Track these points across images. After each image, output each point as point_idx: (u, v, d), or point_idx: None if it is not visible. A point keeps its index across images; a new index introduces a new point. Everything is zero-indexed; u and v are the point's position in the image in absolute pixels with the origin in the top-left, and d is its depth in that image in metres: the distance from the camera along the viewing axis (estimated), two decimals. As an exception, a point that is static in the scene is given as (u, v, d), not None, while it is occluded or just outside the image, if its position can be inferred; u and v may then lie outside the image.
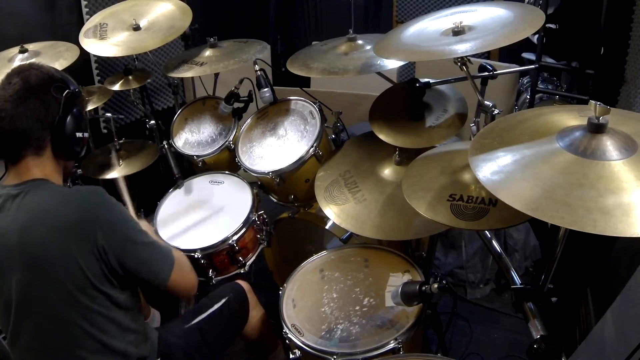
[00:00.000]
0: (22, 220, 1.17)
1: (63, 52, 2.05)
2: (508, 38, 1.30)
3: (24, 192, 1.19)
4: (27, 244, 1.15)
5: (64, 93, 1.24)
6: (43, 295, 1.17)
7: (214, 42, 2.21)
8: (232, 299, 1.65)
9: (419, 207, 1.27)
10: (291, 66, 1.91)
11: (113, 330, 1.25)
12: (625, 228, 0.81)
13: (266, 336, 1.80)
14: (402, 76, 3.54)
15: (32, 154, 1.22)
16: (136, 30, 2.13)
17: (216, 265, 1.87)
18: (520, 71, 2.85)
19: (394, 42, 1.58)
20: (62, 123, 1.24)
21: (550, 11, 2.29)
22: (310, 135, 1.90)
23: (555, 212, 0.86)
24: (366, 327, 1.42)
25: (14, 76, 1.21)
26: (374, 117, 1.73)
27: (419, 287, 1.30)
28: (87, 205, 1.19)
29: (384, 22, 3.71)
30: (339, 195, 1.67)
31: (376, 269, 1.61)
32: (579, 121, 1.04)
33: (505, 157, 1.02)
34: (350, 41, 1.95)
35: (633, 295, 1.36)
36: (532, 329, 1.21)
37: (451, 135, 1.58)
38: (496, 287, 2.42)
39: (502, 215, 1.20)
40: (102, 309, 1.21)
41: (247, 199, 1.95)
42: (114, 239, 1.19)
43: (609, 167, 0.92)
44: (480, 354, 2.06)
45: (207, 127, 2.21)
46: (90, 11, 2.50)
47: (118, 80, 2.31)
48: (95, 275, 1.18)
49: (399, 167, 1.67)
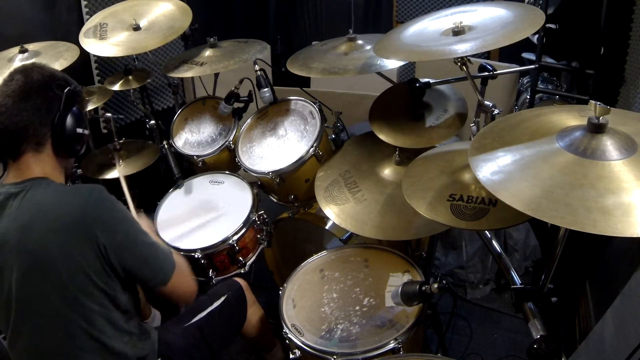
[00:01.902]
0: (22, 218, 1.17)
1: (63, 52, 2.05)
2: (508, 38, 1.30)
3: (25, 191, 1.19)
4: (27, 243, 1.15)
5: (65, 90, 1.25)
6: (43, 294, 1.17)
7: (214, 42, 2.21)
8: (231, 297, 1.66)
9: (419, 207, 1.27)
10: (291, 66, 1.90)
11: (111, 331, 1.25)
12: (625, 228, 0.81)
13: (264, 334, 1.81)
14: (402, 76, 3.54)
15: (32, 150, 1.22)
16: (136, 30, 2.13)
17: (216, 265, 1.87)
18: (520, 71, 2.85)
19: (394, 42, 1.58)
20: (62, 120, 1.24)
21: (550, 11, 2.28)
22: (310, 135, 1.90)
23: (555, 212, 0.86)
24: (366, 327, 1.42)
25: (16, 74, 1.23)
26: (374, 117, 1.73)
27: (419, 287, 1.30)
28: (88, 203, 1.19)
29: (384, 22, 3.72)
30: (339, 195, 1.67)
31: (376, 269, 1.61)
32: (579, 121, 1.05)
33: (505, 157, 1.02)
34: (350, 41, 1.94)
35: (633, 295, 1.36)
36: (532, 329, 1.21)
37: (451, 135, 1.58)
38: (496, 287, 2.42)
39: (502, 215, 1.20)
40: (101, 309, 1.22)
41: (247, 199, 1.96)
42: (115, 237, 1.19)
43: (609, 167, 0.92)
44: (480, 354, 2.06)
45: (207, 127, 2.21)
46: (90, 11, 2.50)
47: (118, 80, 2.31)
48: (96, 273, 1.18)
49: (399, 167, 1.67)
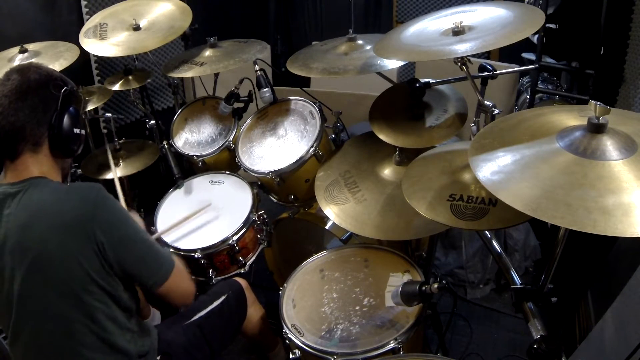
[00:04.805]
0: (21, 218, 1.17)
1: (63, 52, 2.05)
2: (508, 38, 1.30)
3: (23, 191, 1.19)
4: (27, 242, 1.15)
5: (62, 90, 1.25)
6: (44, 293, 1.17)
7: (214, 42, 2.21)
8: (231, 296, 1.66)
9: (419, 207, 1.27)
10: (291, 66, 1.90)
11: (113, 329, 1.25)
12: (625, 228, 0.81)
13: (265, 333, 1.81)
14: (402, 76, 3.54)
15: (29, 150, 1.22)
16: (136, 30, 2.13)
17: (216, 265, 1.87)
18: (520, 71, 2.86)
19: (394, 42, 1.58)
20: (59, 120, 1.24)
21: (550, 11, 2.28)
22: (310, 135, 1.90)
23: (555, 212, 0.86)
24: (366, 327, 1.42)
25: (13, 73, 1.22)
26: (374, 117, 1.73)
27: (419, 287, 1.30)
28: (86, 202, 1.19)
29: (384, 22, 3.72)
30: (339, 195, 1.67)
31: (376, 269, 1.61)
32: (579, 121, 1.05)
33: (505, 157, 1.02)
34: (350, 41, 1.94)
35: (633, 295, 1.36)
36: (532, 329, 1.21)
37: (451, 135, 1.58)
38: (496, 287, 2.42)
39: (502, 215, 1.20)
40: (103, 307, 1.22)
41: (247, 199, 1.96)
42: (113, 235, 1.19)
43: (609, 167, 0.92)
44: (480, 354, 2.06)
45: (207, 127, 2.21)
46: (90, 11, 2.50)
47: (118, 80, 2.31)
48: (96, 271, 1.18)
49: (399, 167, 1.67)
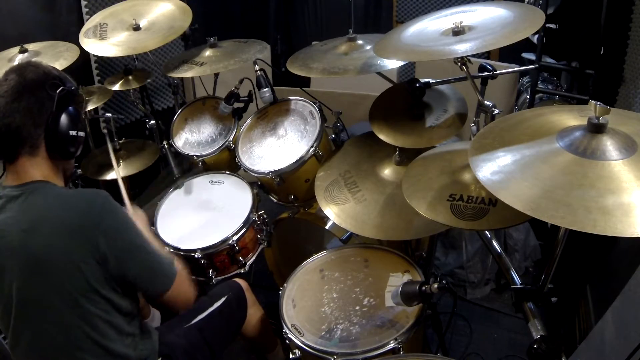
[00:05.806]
0: (24, 222, 1.15)
1: (63, 52, 2.05)
2: (508, 38, 1.30)
3: (26, 194, 1.18)
4: (29, 246, 1.14)
5: (58, 90, 1.22)
6: (44, 298, 1.17)
7: (214, 42, 2.21)
8: (232, 298, 1.66)
9: (419, 207, 1.27)
10: (291, 66, 1.90)
11: (113, 335, 1.24)
12: (625, 228, 0.81)
13: (265, 334, 1.80)
14: (402, 76, 3.54)
15: (27, 153, 1.20)
16: (136, 30, 2.13)
17: (216, 265, 1.87)
18: (520, 71, 2.85)
19: (394, 42, 1.58)
20: (55, 121, 1.21)
21: (550, 11, 2.28)
22: (310, 135, 1.90)
23: (555, 212, 0.86)
24: (366, 327, 1.42)
25: (11, 73, 1.20)
26: (374, 117, 1.73)
27: (419, 287, 1.30)
28: (91, 209, 1.17)
29: (384, 22, 3.72)
30: (339, 195, 1.67)
31: (376, 269, 1.60)
32: (579, 121, 1.05)
33: (505, 157, 1.02)
34: (350, 41, 1.94)
35: (633, 295, 1.36)
36: (532, 329, 1.21)
37: (451, 135, 1.58)
38: (496, 287, 2.42)
39: (502, 215, 1.20)
40: (103, 314, 1.21)
41: (247, 199, 1.95)
42: (117, 244, 1.18)
43: (609, 167, 0.92)
44: (480, 354, 2.06)
45: (207, 127, 2.21)
46: (90, 11, 2.50)
47: (118, 80, 2.31)
48: (97, 280, 1.17)
49: (399, 167, 1.67)
